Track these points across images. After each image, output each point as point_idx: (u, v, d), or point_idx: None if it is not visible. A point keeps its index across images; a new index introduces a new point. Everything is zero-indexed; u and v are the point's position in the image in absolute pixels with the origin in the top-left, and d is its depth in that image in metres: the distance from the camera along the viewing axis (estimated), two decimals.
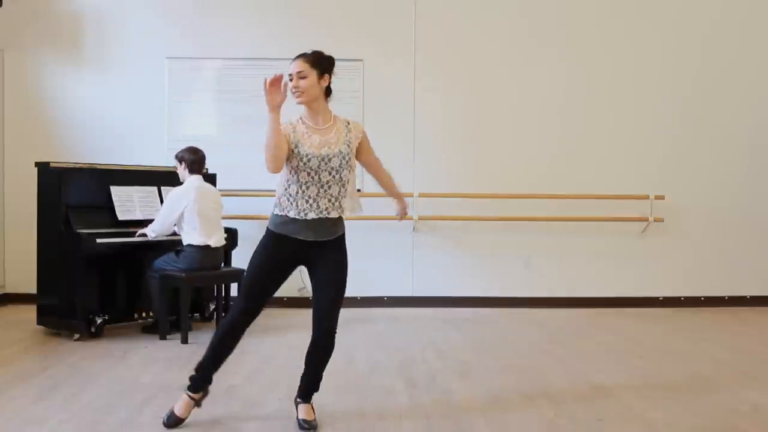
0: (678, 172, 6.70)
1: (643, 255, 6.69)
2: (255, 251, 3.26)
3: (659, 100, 6.69)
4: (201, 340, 5.04)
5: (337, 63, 3.17)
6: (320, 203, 3.13)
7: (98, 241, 4.93)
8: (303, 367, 3.34)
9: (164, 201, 5.07)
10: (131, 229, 5.18)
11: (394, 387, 3.69)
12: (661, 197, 6.57)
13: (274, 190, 3.24)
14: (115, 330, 5.22)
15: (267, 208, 6.44)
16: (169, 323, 5.10)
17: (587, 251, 6.66)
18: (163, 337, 5.02)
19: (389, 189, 3.50)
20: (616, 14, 6.68)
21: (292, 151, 3.09)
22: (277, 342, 5.07)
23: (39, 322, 5.21)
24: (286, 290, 6.51)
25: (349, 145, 3.18)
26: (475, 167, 6.55)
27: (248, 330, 5.20)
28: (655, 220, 6.59)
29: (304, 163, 3.09)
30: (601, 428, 3.30)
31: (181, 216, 4.96)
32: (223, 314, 5.47)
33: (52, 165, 5.09)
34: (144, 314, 5.36)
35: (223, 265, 5.37)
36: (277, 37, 6.47)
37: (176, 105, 6.50)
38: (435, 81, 6.54)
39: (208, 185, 5.26)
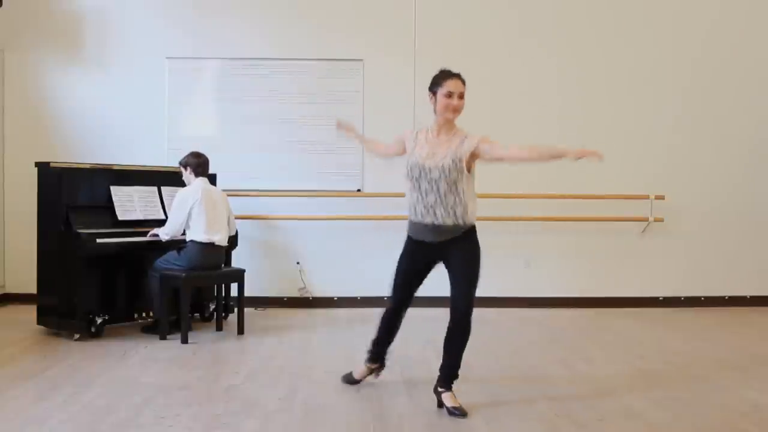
0: (678, 172, 6.70)
1: (643, 255, 6.69)
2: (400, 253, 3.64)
3: (659, 100, 6.69)
4: (201, 340, 5.05)
5: (337, 63, 3.21)
6: (417, 208, 3.46)
7: (98, 241, 4.93)
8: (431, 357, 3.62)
9: (173, 203, 5.09)
10: (131, 229, 5.19)
11: (395, 387, 3.69)
12: (661, 197, 6.56)
13: (274, 190, 3.27)
14: (115, 330, 5.21)
15: (267, 208, 6.57)
16: (169, 323, 5.10)
17: (587, 251, 6.65)
18: (163, 337, 5.02)
19: (541, 155, 3.41)
20: (614, 14, 6.67)
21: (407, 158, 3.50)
22: (277, 342, 5.07)
23: (39, 322, 5.21)
24: (286, 290, 6.60)
25: (454, 160, 3.41)
26: (474, 167, 6.52)
27: (248, 330, 5.27)
28: (655, 220, 6.59)
29: (409, 170, 3.47)
30: (601, 428, 3.30)
31: (189, 214, 4.99)
32: (224, 314, 5.50)
33: (52, 165, 5.09)
34: (144, 314, 5.36)
35: (223, 265, 5.38)
36: (277, 37, 6.48)
37: (176, 105, 6.49)
38: None
39: (213, 187, 5.34)
